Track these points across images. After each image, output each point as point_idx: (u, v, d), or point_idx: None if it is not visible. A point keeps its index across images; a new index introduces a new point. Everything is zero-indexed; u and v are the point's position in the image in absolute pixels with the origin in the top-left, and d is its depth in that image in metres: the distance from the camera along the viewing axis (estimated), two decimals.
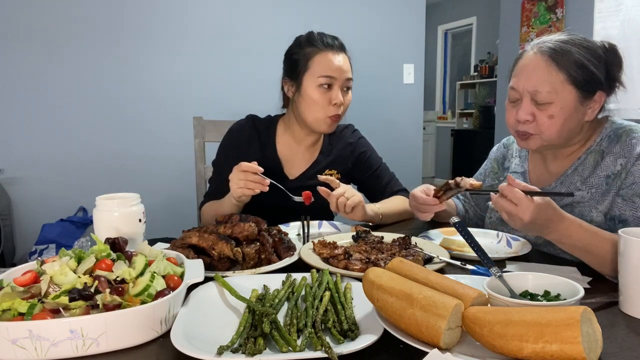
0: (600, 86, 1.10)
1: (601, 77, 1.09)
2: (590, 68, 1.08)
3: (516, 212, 0.93)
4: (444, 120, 8.01)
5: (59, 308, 0.71)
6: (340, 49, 1.48)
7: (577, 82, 1.08)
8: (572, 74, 1.08)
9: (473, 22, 7.32)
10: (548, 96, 1.08)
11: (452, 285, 0.71)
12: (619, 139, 1.13)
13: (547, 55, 1.10)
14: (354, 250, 1.06)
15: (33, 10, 2.33)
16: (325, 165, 1.57)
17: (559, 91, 1.08)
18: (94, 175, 2.52)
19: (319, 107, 1.44)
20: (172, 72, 2.64)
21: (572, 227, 0.97)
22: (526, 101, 1.12)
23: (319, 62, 1.44)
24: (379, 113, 3.15)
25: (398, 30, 3.17)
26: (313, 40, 1.47)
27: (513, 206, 0.93)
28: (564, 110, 1.09)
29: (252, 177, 1.25)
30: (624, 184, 1.09)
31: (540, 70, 1.10)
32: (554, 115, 1.09)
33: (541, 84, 1.09)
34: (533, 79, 1.10)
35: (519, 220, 0.94)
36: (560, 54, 1.09)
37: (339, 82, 1.44)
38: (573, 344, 0.56)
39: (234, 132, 1.56)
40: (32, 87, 2.37)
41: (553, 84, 1.08)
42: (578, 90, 1.09)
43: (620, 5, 3.59)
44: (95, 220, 1.06)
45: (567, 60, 1.08)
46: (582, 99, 1.10)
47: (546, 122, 1.10)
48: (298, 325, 0.74)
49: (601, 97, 1.12)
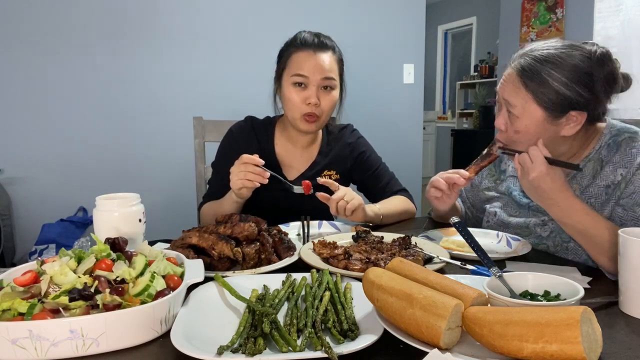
0: (573, 106, 1.06)
1: (576, 98, 1.05)
2: (560, 90, 1.05)
3: (529, 167, 1.00)
4: (444, 120, 8.02)
5: (59, 308, 0.71)
6: (320, 48, 1.43)
7: (544, 102, 1.07)
8: (539, 95, 1.07)
9: (473, 22, 7.32)
10: (516, 110, 1.11)
11: (452, 285, 0.71)
12: (619, 147, 1.11)
13: (518, 73, 1.10)
14: (354, 250, 1.06)
15: (33, 10, 2.34)
16: (324, 166, 1.56)
17: (526, 109, 1.09)
18: (94, 175, 2.52)
19: (293, 106, 1.43)
20: (172, 72, 2.64)
21: (575, 207, 1.00)
22: (503, 110, 1.15)
23: (294, 61, 1.43)
24: (379, 113, 3.15)
25: (398, 30, 3.17)
26: (294, 39, 1.47)
27: (529, 160, 1.01)
28: (529, 128, 1.10)
29: (253, 169, 1.24)
30: (624, 194, 1.07)
31: (511, 85, 1.12)
32: (520, 131, 1.11)
33: (511, 97, 1.11)
34: (506, 91, 1.13)
35: (526, 176, 1.02)
36: (528, 75, 1.08)
37: (314, 81, 1.41)
38: (573, 344, 0.56)
39: (233, 134, 1.56)
40: (32, 88, 2.37)
41: (520, 101, 1.09)
42: (545, 110, 1.07)
43: (620, 5, 3.59)
44: (95, 220, 1.06)
45: (534, 81, 1.07)
46: (550, 118, 1.08)
47: (513, 136, 1.13)
48: (298, 325, 0.74)
49: (580, 115, 1.07)
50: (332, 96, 1.46)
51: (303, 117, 1.43)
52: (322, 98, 1.43)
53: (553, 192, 0.99)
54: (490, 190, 1.42)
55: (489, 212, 1.39)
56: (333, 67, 1.45)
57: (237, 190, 1.28)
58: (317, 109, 1.43)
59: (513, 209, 1.32)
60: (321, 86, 1.43)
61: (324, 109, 1.45)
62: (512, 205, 1.33)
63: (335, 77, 1.45)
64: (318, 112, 1.44)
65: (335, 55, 1.47)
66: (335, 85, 1.46)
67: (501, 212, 1.34)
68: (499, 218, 1.34)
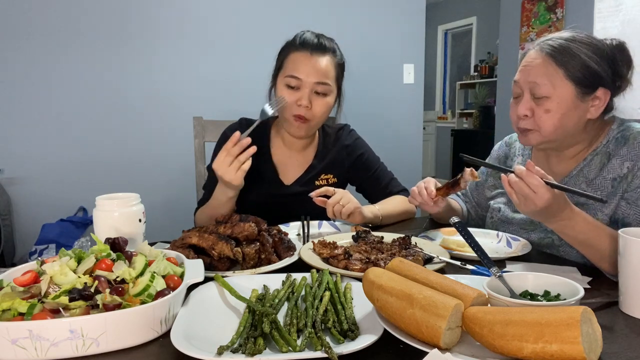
0: (602, 82, 1.10)
1: (603, 73, 1.10)
2: (589, 64, 1.09)
3: (533, 197, 0.94)
4: (444, 120, 8.02)
5: (59, 308, 0.71)
6: (318, 50, 1.38)
7: (575, 77, 1.09)
8: (570, 69, 1.09)
9: (473, 22, 7.32)
10: (545, 90, 1.11)
11: (452, 285, 0.71)
12: (627, 141, 1.12)
13: (546, 52, 1.12)
14: (354, 250, 1.06)
15: (33, 11, 2.33)
16: (321, 169, 1.54)
17: (557, 86, 1.10)
18: (94, 175, 2.52)
19: (285, 107, 1.40)
20: (172, 72, 2.64)
21: (577, 219, 0.99)
22: (526, 96, 1.15)
23: (291, 61, 1.39)
24: (379, 113, 3.15)
25: (398, 30, 3.17)
26: (294, 39, 1.43)
27: (530, 191, 0.95)
28: (560, 105, 1.10)
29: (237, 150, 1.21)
30: (629, 187, 1.08)
31: (539, 66, 1.12)
32: (551, 110, 1.11)
33: (539, 78, 1.11)
34: (532, 73, 1.13)
35: (532, 206, 0.95)
36: (559, 51, 1.11)
37: (307, 84, 1.37)
38: (573, 344, 0.56)
39: (227, 136, 1.53)
40: (32, 88, 2.37)
41: (550, 79, 1.10)
42: (576, 86, 1.10)
43: (620, 5, 3.59)
44: (95, 220, 1.06)
45: (565, 57, 1.10)
46: (581, 95, 1.10)
47: (543, 116, 1.12)
48: (298, 325, 0.74)
49: (605, 94, 1.11)
50: (325, 102, 1.41)
51: (293, 117, 1.40)
52: (314, 102, 1.39)
53: (559, 212, 0.97)
54: (496, 187, 1.42)
55: (492, 208, 1.39)
56: (329, 71, 1.40)
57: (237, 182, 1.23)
58: (308, 112, 1.39)
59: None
60: (314, 90, 1.39)
61: (314, 114, 1.40)
62: None
63: (331, 82, 1.40)
64: (308, 116, 1.39)
65: (334, 58, 1.42)
66: (330, 90, 1.41)
67: (505, 208, 1.34)
68: (502, 214, 1.34)
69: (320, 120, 1.44)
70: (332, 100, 1.44)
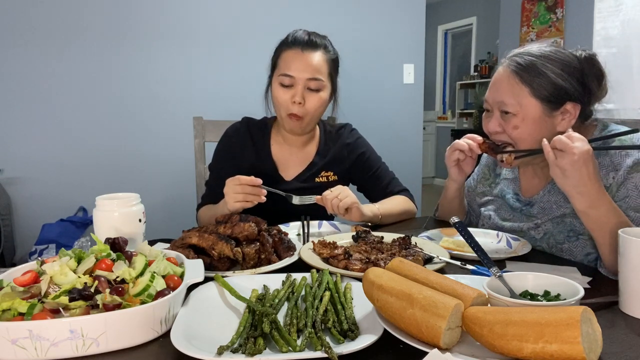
0: (569, 98, 1.11)
1: (571, 89, 1.10)
2: (556, 81, 1.10)
3: (570, 146, 0.95)
4: (444, 120, 8.01)
5: (59, 308, 0.71)
6: (309, 46, 1.40)
7: (541, 95, 1.11)
8: (536, 87, 1.11)
9: (473, 22, 7.32)
10: (512, 108, 1.13)
11: (452, 285, 0.71)
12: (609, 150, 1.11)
13: (512, 70, 1.14)
14: (354, 250, 1.06)
15: (33, 10, 2.34)
16: (321, 166, 1.55)
17: (523, 105, 1.12)
18: (94, 175, 2.52)
19: (280, 105, 1.43)
20: (172, 72, 2.64)
21: (604, 199, 0.98)
22: (496, 113, 1.18)
23: (283, 60, 1.42)
24: (379, 113, 3.15)
25: (398, 30, 3.17)
26: (285, 38, 1.46)
27: (568, 141, 0.95)
28: (526, 122, 1.12)
29: (250, 190, 1.24)
30: (616, 197, 1.07)
31: (505, 84, 1.15)
32: (518, 126, 1.14)
33: (505, 96, 1.14)
34: (500, 92, 1.16)
35: (570, 156, 0.95)
36: (525, 68, 1.12)
37: (300, 80, 1.39)
38: (573, 344, 0.56)
39: (229, 136, 1.55)
40: (32, 87, 2.37)
41: (517, 98, 1.12)
42: (543, 103, 1.11)
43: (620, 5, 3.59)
44: (95, 220, 1.06)
45: (531, 74, 1.11)
46: (548, 110, 1.12)
47: (512, 132, 1.15)
48: (298, 325, 0.73)
49: (574, 108, 1.12)
50: (319, 97, 1.43)
51: (288, 116, 1.43)
52: (308, 99, 1.41)
53: (590, 179, 0.95)
54: (485, 194, 1.42)
55: (483, 215, 1.39)
56: (321, 67, 1.41)
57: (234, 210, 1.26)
58: (301, 109, 1.41)
59: (506, 212, 1.32)
60: (307, 87, 1.40)
61: (308, 110, 1.42)
62: (505, 208, 1.33)
63: (324, 77, 1.42)
64: (301, 113, 1.41)
65: (326, 54, 1.43)
66: (323, 86, 1.42)
67: (495, 215, 1.35)
68: (493, 221, 1.34)
69: (314, 116, 1.46)
70: (325, 95, 1.45)
